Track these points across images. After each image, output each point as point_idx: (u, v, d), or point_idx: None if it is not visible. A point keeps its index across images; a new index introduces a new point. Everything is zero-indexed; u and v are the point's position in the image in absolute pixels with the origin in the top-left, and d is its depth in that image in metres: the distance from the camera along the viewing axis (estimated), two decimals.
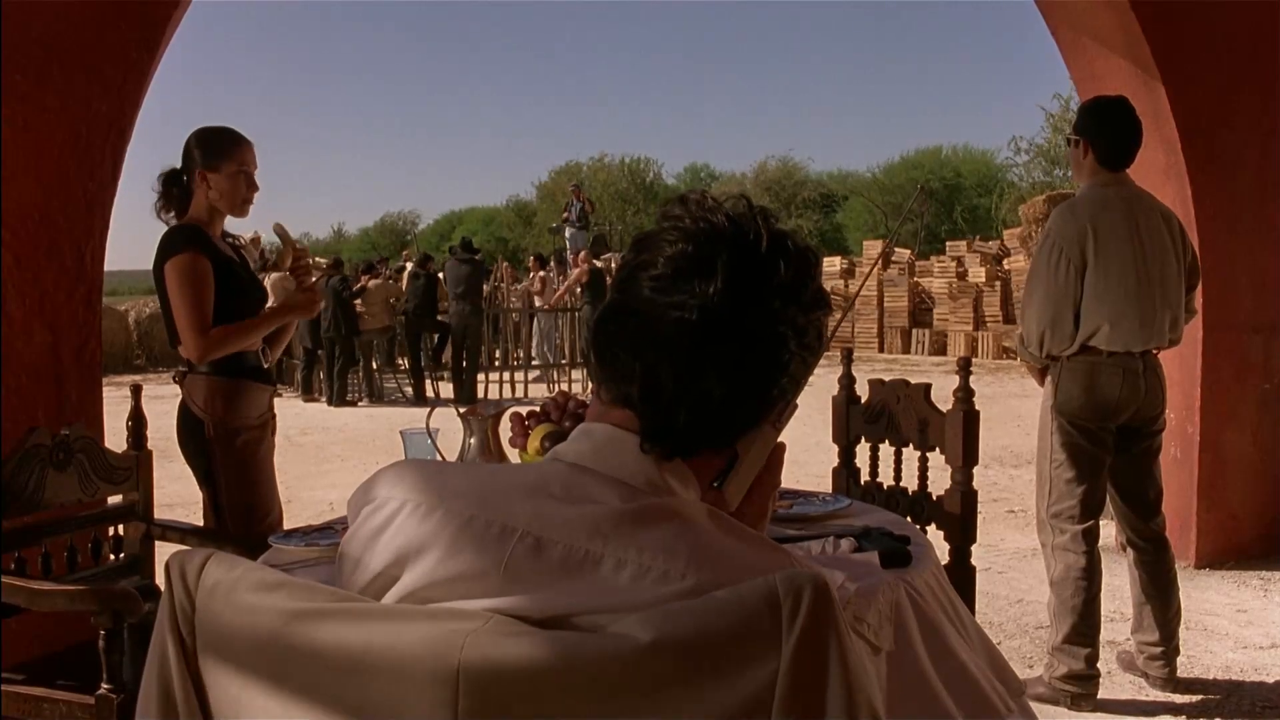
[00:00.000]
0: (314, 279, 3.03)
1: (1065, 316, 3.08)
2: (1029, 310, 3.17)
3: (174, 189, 2.84)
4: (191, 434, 2.80)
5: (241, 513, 2.79)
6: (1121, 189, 3.16)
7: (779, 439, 1.11)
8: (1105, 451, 3.15)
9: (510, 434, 2.05)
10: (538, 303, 14.20)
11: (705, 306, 0.95)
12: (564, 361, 12.86)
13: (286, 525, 2.75)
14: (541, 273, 14.79)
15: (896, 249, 21.34)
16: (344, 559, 1.03)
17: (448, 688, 0.87)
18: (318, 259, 13.73)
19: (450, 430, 2.12)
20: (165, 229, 2.81)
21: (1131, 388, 3.12)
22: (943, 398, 2.60)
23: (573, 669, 0.85)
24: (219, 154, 2.81)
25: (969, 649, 1.58)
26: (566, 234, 18.55)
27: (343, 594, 0.96)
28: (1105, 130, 3.16)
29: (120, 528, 2.70)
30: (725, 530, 0.96)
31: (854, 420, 2.95)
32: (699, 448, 1.02)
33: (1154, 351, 3.18)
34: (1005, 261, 18.15)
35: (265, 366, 2.92)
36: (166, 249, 2.74)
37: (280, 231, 3.08)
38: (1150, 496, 3.26)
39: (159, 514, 2.81)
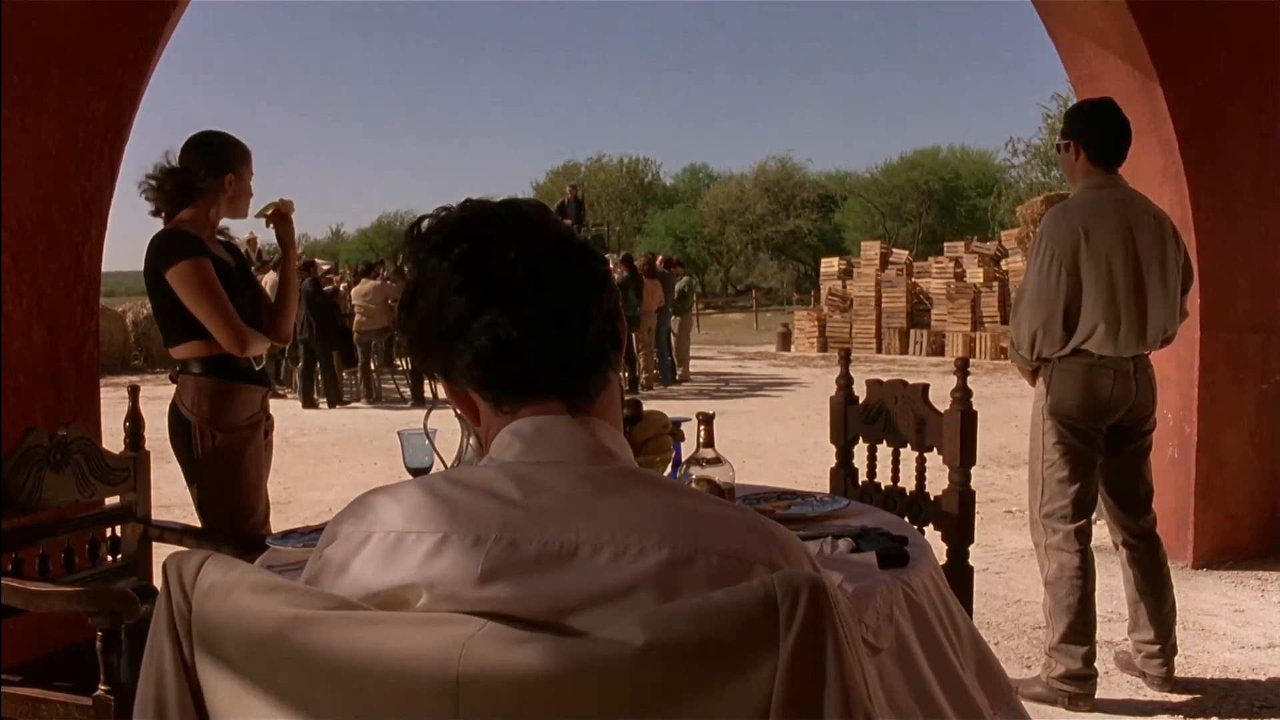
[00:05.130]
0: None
1: (1055, 320, 3.08)
2: (1020, 313, 3.17)
3: (177, 189, 2.84)
4: (180, 434, 2.82)
5: (223, 513, 2.81)
6: (1115, 191, 3.16)
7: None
8: (1096, 451, 3.16)
9: None
10: None
11: (522, 262, 0.98)
12: None
13: (285, 526, 2.75)
14: None
15: (894, 249, 21.37)
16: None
17: (448, 694, 0.87)
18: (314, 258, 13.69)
19: (448, 431, 2.12)
20: (155, 233, 2.82)
21: (1123, 389, 3.12)
22: (940, 398, 2.60)
23: (569, 675, 0.85)
24: (238, 157, 2.91)
25: (958, 652, 1.58)
26: None
27: (337, 599, 0.96)
28: (1094, 130, 3.16)
29: (117, 529, 2.70)
30: (677, 490, 1.01)
31: (852, 420, 2.95)
32: (602, 381, 1.05)
33: (1145, 353, 3.19)
34: (1003, 262, 18.17)
35: (258, 369, 2.92)
36: (164, 257, 2.75)
37: (284, 208, 3.09)
38: (1141, 494, 3.27)
39: (156, 515, 2.81)
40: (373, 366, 12.79)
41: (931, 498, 2.65)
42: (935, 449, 2.64)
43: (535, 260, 0.99)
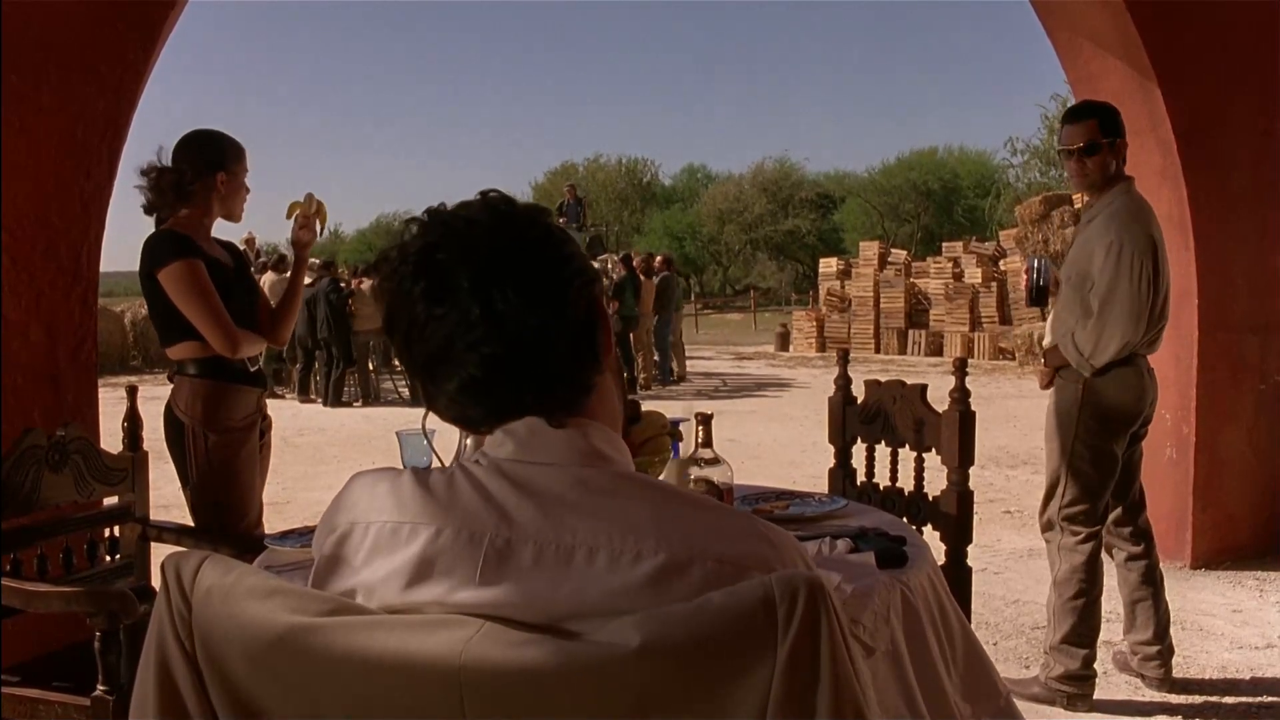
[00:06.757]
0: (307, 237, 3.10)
1: (1142, 328, 3.05)
2: (1110, 324, 3.03)
3: (171, 187, 2.84)
4: (174, 434, 2.82)
5: (212, 513, 2.81)
6: (1137, 193, 3.17)
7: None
8: (1121, 452, 3.16)
9: None
10: None
11: (476, 294, 0.96)
12: None
13: (284, 526, 2.75)
14: None
15: (893, 250, 21.38)
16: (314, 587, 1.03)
17: (453, 695, 0.87)
18: (312, 259, 13.69)
19: (446, 430, 2.12)
20: (149, 235, 2.82)
21: (1154, 388, 3.16)
22: (939, 398, 2.60)
23: (567, 676, 0.86)
24: (232, 155, 2.89)
25: (946, 655, 1.58)
26: None
27: (335, 602, 0.96)
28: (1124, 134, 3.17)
29: (116, 529, 2.70)
30: (674, 494, 1.00)
31: (850, 421, 2.95)
32: (584, 390, 1.03)
33: None
34: (1001, 262, 18.17)
35: (254, 370, 2.92)
36: (156, 258, 2.75)
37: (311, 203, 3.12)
38: (1138, 494, 3.28)
39: (155, 515, 2.81)
40: (371, 367, 12.79)
41: (930, 498, 2.65)
42: (934, 449, 2.63)
43: (491, 288, 0.96)
